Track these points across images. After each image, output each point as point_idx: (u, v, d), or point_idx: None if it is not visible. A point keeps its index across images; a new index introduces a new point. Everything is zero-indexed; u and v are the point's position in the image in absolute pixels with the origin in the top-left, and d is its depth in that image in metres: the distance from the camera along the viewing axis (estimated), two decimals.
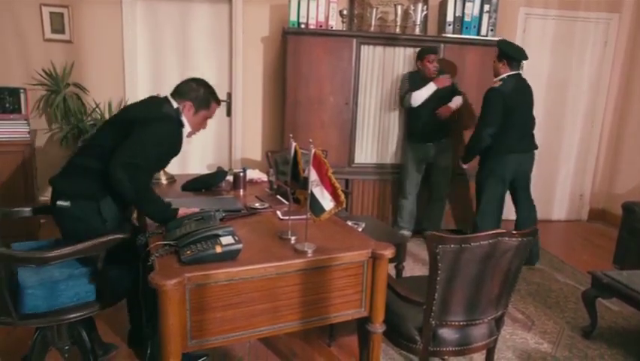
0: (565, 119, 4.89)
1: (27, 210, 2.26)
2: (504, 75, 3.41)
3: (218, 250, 1.57)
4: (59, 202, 1.92)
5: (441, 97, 3.83)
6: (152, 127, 1.95)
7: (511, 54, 3.39)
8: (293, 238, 1.82)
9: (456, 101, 3.89)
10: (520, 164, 3.52)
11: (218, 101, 2.20)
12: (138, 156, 1.88)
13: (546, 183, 4.96)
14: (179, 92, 2.12)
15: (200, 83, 2.15)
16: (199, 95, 2.11)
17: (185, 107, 2.10)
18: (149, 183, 2.10)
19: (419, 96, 3.80)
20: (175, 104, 2.09)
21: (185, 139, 2.15)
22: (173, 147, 2.09)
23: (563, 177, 5.04)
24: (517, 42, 4.63)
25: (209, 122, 2.16)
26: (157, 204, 1.97)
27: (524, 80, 3.52)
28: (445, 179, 4.09)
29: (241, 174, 2.65)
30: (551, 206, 5.07)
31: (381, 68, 4.17)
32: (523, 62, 3.52)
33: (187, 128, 2.13)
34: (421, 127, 3.94)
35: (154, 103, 2.12)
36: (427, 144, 3.96)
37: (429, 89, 3.79)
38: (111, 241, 1.84)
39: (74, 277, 1.87)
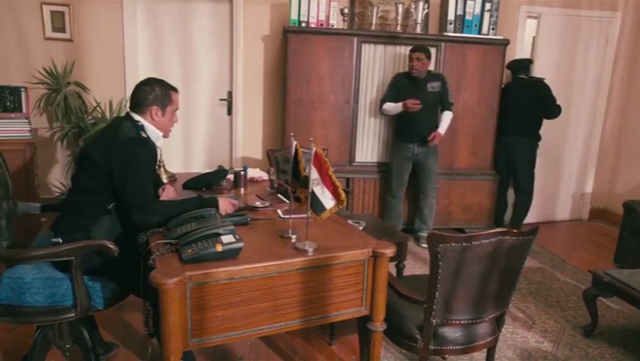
0: (566, 118, 4.87)
1: (36, 207, 2.31)
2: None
3: (219, 248, 1.57)
4: (53, 240, 1.92)
5: (427, 102, 3.82)
6: (128, 160, 1.90)
7: (508, 66, 4.44)
8: (294, 237, 1.82)
9: (445, 124, 3.95)
10: (509, 145, 4.36)
11: (175, 90, 2.15)
12: (140, 193, 1.90)
13: (551, 184, 4.89)
14: (138, 103, 2.05)
15: (152, 82, 2.08)
16: (157, 95, 2.05)
17: (151, 113, 2.05)
18: (160, 201, 2.13)
19: (387, 109, 3.90)
20: (137, 118, 2.04)
21: (161, 143, 2.13)
22: (152, 161, 2.07)
23: (566, 177, 4.99)
24: (518, 41, 4.66)
25: (209, 120, 2.14)
26: (190, 204, 1.97)
27: (525, 81, 4.37)
28: (430, 179, 4.04)
29: (242, 172, 2.65)
30: (555, 207, 5.01)
31: (382, 66, 4.17)
32: (531, 66, 4.50)
33: (158, 134, 2.09)
34: (404, 128, 3.95)
35: (113, 136, 1.99)
36: (410, 144, 3.95)
37: (397, 107, 3.84)
38: (86, 247, 1.83)
39: (41, 280, 1.87)
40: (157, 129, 2.09)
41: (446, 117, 3.97)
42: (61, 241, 1.89)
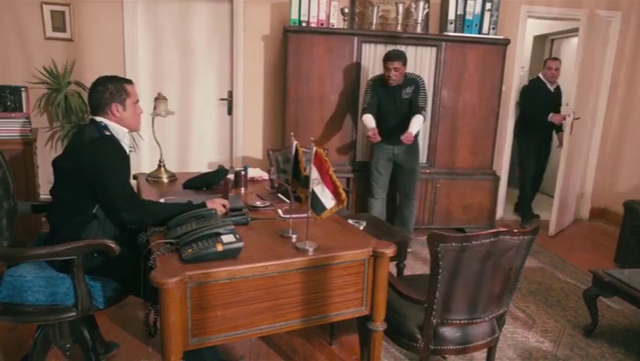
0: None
1: (27, 206, 2.31)
2: None
3: (219, 248, 1.57)
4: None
5: (402, 109, 3.68)
6: (97, 160, 1.90)
7: None
8: (294, 237, 1.82)
9: (413, 126, 3.61)
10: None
11: (128, 82, 2.11)
12: (119, 191, 1.91)
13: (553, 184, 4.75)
14: (97, 105, 2.03)
15: (103, 81, 2.05)
16: (112, 91, 2.02)
17: (112, 111, 2.03)
18: (143, 200, 2.13)
19: (364, 123, 3.72)
20: (99, 119, 2.02)
21: (128, 140, 2.11)
22: (122, 158, 2.04)
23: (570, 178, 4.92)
24: (519, 40, 4.65)
25: (210, 120, 2.11)
26: (176, 209, 1.95)
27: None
28: (410, 181, 3.91)
29: (242, 172, 2.65)
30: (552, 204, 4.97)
31: (382, 66, 4.16)
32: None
33: (123, 131, 2.07)
34: (384, 131, 3.77)
35: (77, 140, 2.03)
36: (389, 145, 3.80)
37: (367, 128, 3.68)
38: (87, 246, 1.83)
39: (43, 278, 1.87)
40: (122, 126, 2.06)
41: (415, 120, 3.63)
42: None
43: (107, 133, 2.00)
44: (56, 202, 2.03)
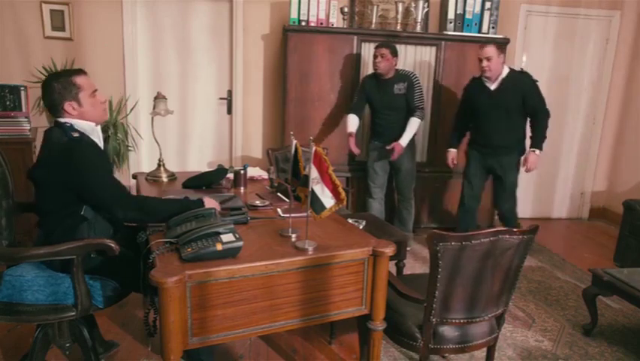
0: (566, 117, 4.89)
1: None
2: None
3: (219, 247, 1.57)
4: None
5: (394, 106, 3.63)
6: (74, 165, 1.83)
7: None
8: (294, 236, 1.82)
9: (407, 133, 3.58)
10: None
11: (77, 72, 1.98)
12: (106, 188, 1.88)
13: (546, 180, 4.98)
14: (52, 106, 1.93)
15: (49, 81, 1.92)
16: (59, 90, 1.90)
17: (68, 110, 1.92)
18: (136, 195, 2.09)
19: (347, 122, 3.71)
20: (63, 120, 1.93)
21: (99, 134, 2.03)
22: (100, 152, 1.98)
23: (563, 175, 5.03)
24: (519, 39, 4.65)
25: (209, 119, 2.08)
26: (173, 205, 1.93)
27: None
28: (407, 181, 3.86)
29: (242, 171, 2.65)
30: (552, 204, 5.08)
31: None
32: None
33: (91, 125, 1.97)
34: (377, 129, 3.78)
35: (48, 149, 1.92)
36: (383, 144, 3.75)
37: (349, 129, 3.67)
38: (87, 246, 1.82)
39: (43, 278, 1.87)
40: (87, 121, 1.96)
41: (410, 125, 3.59)
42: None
43: (76, 134, 1.90)
44: (41, 212, 1.96)
